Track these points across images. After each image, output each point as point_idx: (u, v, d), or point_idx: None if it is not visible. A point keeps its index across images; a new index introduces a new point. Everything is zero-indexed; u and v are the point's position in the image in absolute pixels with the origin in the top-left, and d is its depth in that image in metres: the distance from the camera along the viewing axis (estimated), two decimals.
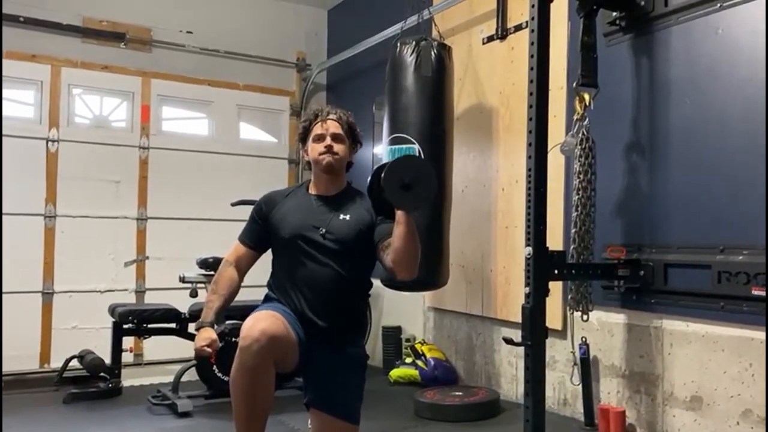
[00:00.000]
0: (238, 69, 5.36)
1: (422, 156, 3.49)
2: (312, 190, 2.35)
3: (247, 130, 5.52)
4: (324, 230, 2.21)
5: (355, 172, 2.52)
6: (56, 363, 4.30)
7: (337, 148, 2.30)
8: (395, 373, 4.20)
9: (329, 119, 2.32)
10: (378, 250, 2.17)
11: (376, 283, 3.61)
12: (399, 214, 1.99)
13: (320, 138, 2.30)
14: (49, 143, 4.66)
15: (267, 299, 2.29)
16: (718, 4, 2.72)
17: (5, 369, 4.09)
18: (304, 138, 2.37)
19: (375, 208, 2.15)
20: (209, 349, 2.14)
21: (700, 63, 2.82)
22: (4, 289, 4.37)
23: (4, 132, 4.48)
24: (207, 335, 2.16)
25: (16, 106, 4.69)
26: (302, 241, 2.22)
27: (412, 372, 4.12)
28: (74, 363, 3.98)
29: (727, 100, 2.68)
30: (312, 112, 2.39)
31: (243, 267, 2.36)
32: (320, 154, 2.29)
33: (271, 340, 1.95)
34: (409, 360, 4.23)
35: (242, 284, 2.36)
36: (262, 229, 2.34)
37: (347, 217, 2.25)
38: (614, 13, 3.11)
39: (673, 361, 2.85)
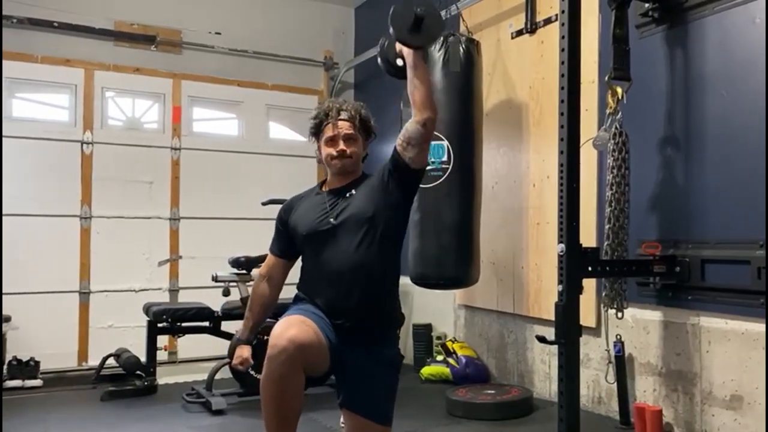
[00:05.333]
0: (267, 69, 5.40)
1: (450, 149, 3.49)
2: (325, 188, 2.34)
3: (277, 129, 5.56)
4: (332, 218, 2.20)
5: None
6: (93, 361, 4.39)
7: (351, 150, 2.25)
8: (426, 370, 4.19)
9: (341, 120, 2.26)
10: (399, 139, 2.17)
11: (407, 281, 3.64)
12: (412, 59, 2.12)
13: (332, 141, 2.26)
14: (84, 146, 4.75)
15: (296, 299, 2.29)
16: None
17: (45, 367, 4.21)
18: (316, 133, 2.32)
19: (390, 70, 2.30)
20: (242, 367, 2.30)
21: (737, 53, 2.75)
22: (43, 289, 4.51)
23: (41, 136, 4.60)
24: (239, 353, 2.29)
25: (52, 110, 4.78)
26: (317, 236, 2.21)
27: (444, 370, 4.11)
28: (111, 361, 4.06)
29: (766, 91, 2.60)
30: (323, 110, 2.30)
31: (276, 278, 2.37)
32: (332, 158, 2.26)
33: (300, 348, 1.93)
34: (440, 358, 4.22)
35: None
36: (286, 236, 2.34)
37: (353, 191, 2.24)
38: (647, 5, 3.05)
39: (712, 359, 2.78)
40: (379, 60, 2.35)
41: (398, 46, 2.25)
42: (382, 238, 2.18)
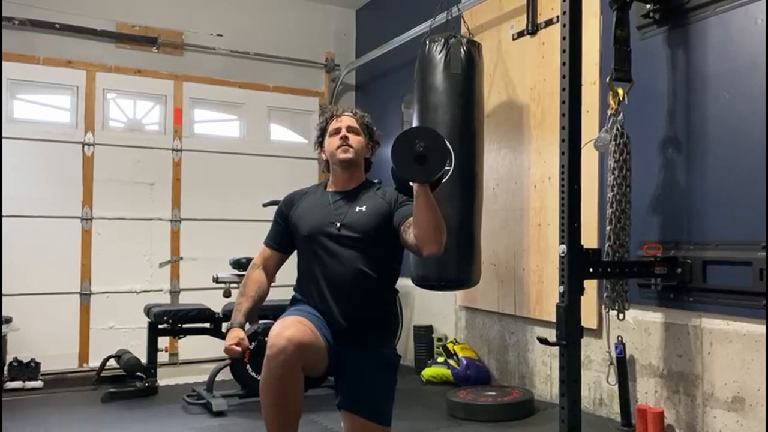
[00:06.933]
0: (268, 70, 5.41)
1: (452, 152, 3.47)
2: (330, 188, 2.34)
3: (278, 131, 5.56)
4: (339, 224, 2.19)
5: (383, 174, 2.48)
6: (94, 362, 4.39)
7: (353, 140, 2.28)
8: (427, 372, 4.18)
9: (344, 115, 2.34)
10: (400, 232, 2.13)
11: (408, 282, 3.64)
12: (415, 187, 1.93)
13: (336, 132, 2.30)
14: (85, 147, 4.76)
15: (293, 301, 2.29)
16: None
17: (46, 369, 4.21)
18: (321, 140, 2.36)
19: (400, 189, 2.11)
20: (238, 348, 2.13)
21: (738, 54, 2.74)
22: (44, 291, 4.52)
23: (43, 137, 4.62)
24: (235, 335, 2.16)
25: (54, 112, 4.79)
26: (319, 238, 2.20)
27: (445, 371, 4.10)
28: (111, 362, 4.05)
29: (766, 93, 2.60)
30: (328, 111, 2.40)
31: (270, 269, 2.36)
32: (337, 148, 2.27)
33: (299, 348, 1.93)
34: (441, 359, 4.21)
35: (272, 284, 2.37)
36: (284, 230, 2.34)
37: (363, 208, 2.22)
38: (648, 6, 3.05)
39: (714, 361, 2.78)
40: (392, 175, 2.24)
41: None
42: (382, 254, 2.21)
